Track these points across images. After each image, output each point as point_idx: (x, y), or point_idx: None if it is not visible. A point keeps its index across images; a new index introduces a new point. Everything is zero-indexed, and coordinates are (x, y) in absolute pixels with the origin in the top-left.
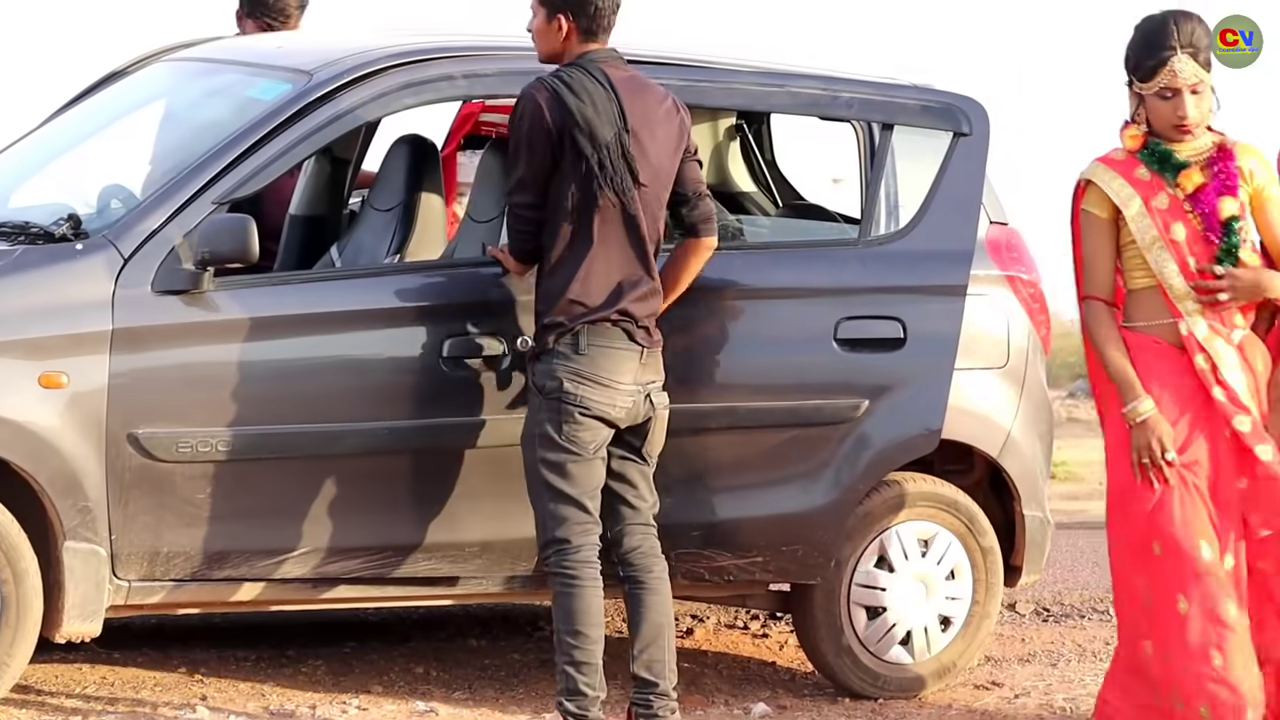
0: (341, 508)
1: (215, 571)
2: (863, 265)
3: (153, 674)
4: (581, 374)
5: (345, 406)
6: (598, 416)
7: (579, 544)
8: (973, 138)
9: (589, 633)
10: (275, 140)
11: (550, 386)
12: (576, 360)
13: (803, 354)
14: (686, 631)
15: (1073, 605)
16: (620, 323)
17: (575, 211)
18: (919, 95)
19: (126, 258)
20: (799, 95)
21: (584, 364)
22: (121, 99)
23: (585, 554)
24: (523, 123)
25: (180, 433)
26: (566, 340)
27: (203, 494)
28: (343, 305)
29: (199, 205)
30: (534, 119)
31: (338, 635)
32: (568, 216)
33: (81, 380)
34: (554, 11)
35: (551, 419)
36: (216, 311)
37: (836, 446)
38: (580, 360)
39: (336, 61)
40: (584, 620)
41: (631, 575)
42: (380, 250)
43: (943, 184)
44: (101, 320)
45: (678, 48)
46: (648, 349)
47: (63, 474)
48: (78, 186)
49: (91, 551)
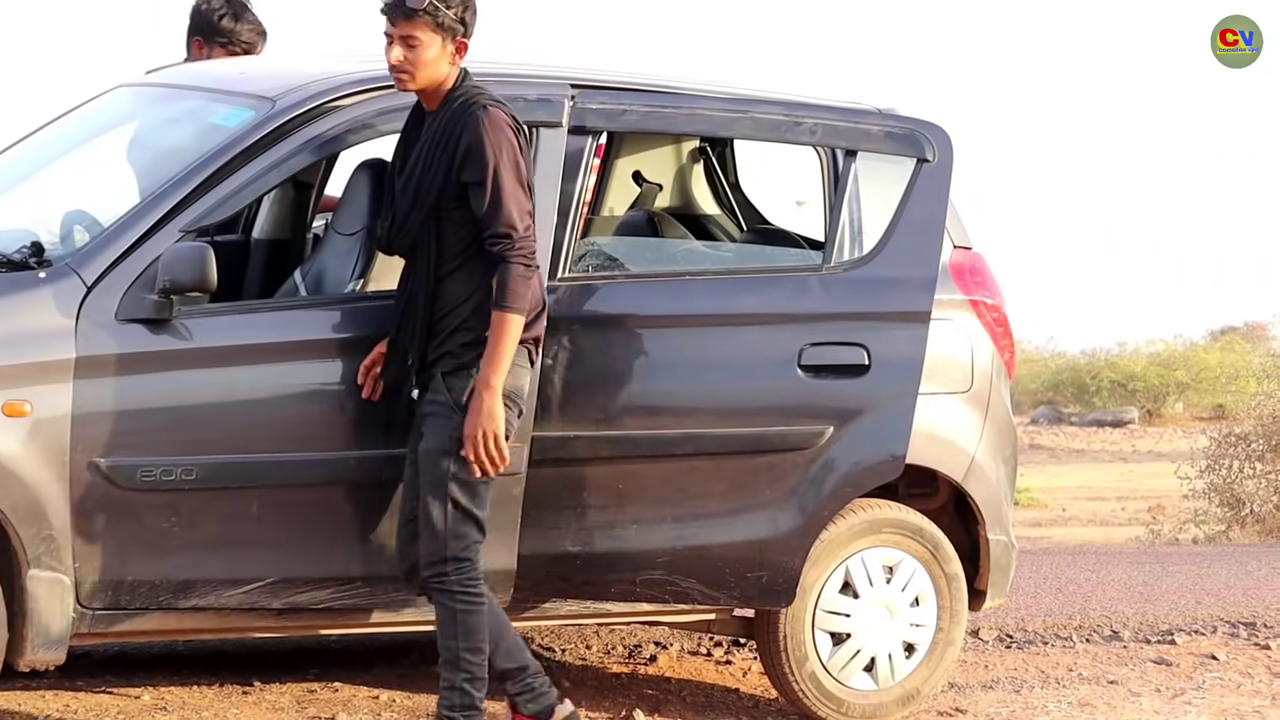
0: (307, 538)
1: (179, 600)
2: (826, 291)
3: (116, 702)
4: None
5: (311, 435)
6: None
7: (476, 562)
8: (936, 164)
9: (484, 648)
10: (242, 168)
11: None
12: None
13: (767, 380)
14: (650, 658)
15: (1035, 631)
16: (526, 342)
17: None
18: (882, 121)
19: (90, 286)
20: (762, 121)
21: (507, 383)
22: (84, 124)
23: (480, 572)
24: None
25: (143, 461)
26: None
27: (166, 523)
28: (309, 334)
29: (164, 233)
30: (513, 135)
31: (301, 663)
32: None
33: (44, 408)
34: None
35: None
36: (180, 339)
37: (801, 472)
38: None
39: (300, 88)
40: (482, 636)
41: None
42: (344, 275)
43: (906, 210)
44: (65, 348)
45: (640, 72)
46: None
47: (26, 502)
48: (41, 213)
49: (55, 580)
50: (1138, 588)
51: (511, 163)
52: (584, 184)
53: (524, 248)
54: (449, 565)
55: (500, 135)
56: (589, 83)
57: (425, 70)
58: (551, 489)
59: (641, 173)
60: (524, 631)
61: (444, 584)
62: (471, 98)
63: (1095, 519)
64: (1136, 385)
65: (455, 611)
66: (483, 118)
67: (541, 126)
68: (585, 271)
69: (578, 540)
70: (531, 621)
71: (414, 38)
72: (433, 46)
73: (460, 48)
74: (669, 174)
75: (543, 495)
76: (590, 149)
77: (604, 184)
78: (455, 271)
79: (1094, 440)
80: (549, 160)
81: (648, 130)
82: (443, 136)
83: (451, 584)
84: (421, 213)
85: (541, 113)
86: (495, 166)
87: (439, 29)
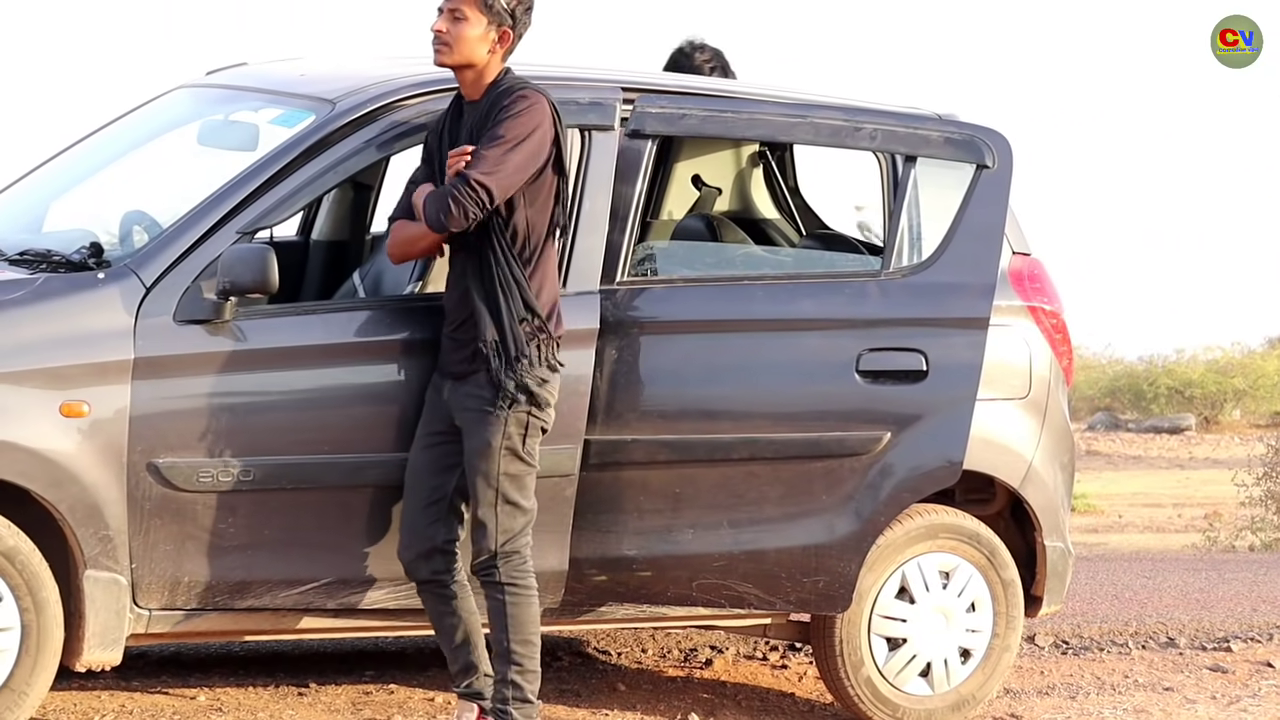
0: (364, 539)
1: (235, 601)
2: (885, 297)
3: (172, 702)
4: (545, 386)
5: (368, 437)
6: (544, 431)
7: (525, 554)
8: (996, 170)
9: (536, 640)
10: (299, 170)
11: (522, 397)
12: (542, 371)
13: (825, 385)
14: (705, 662)
15: (1091, 638)
16: (559, 340)
17: (550, 223)
18: (942, 127)
19: (149, 287)
20: (821, 126)
21: (546, 376)
22: (144, 125)
23: (529, 564)
24: (538, 117)
25: (201, 462)
26: (540, 349)
27: (224, 523)
28: (366, 336)
29: (222, 235)
30: (547, 122)
31: (357, 665)
32: (545, 226)
33: (102, 409)
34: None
35: (519, 431)
36: (238, 341)
37: (859, 478)
38: (544, 372)
39: (359, 90)
40: (534, 629)
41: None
42: (403, 277)
43: (965, 216)
44: (123, 349)
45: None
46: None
47: (83, 503)
48: (100, 214)
49: (112, 580)
50: (1194, 595)
51: (533, 143)
52: (641, 188)
53: (475, 202)
54: (498, 559)
55: (537, 116)
56: (648, 87)
57: (464, 47)
58: (608, 492)
59: (701, 177)
60: (579, 634)
61: (493, 577)
62: (514, 84)
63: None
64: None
65: (505, 604)
66: (526, 95)
67: (594, 130)
68: (643, 275)
69: (634, 544)
70: (587, 625)
71: (461, 11)
72: (477, 25)
73: (504, 38)
74: (728, 178)
75: (598, 498)
76: (649, 153)
77: (663, 188)
78: (515, 261)
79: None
80: (601, 163)
81: (707, 135)
82: (485, 120)
83: (501, 577)
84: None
85: (593, 116)
86: (517, 133)
87: (487, 10)
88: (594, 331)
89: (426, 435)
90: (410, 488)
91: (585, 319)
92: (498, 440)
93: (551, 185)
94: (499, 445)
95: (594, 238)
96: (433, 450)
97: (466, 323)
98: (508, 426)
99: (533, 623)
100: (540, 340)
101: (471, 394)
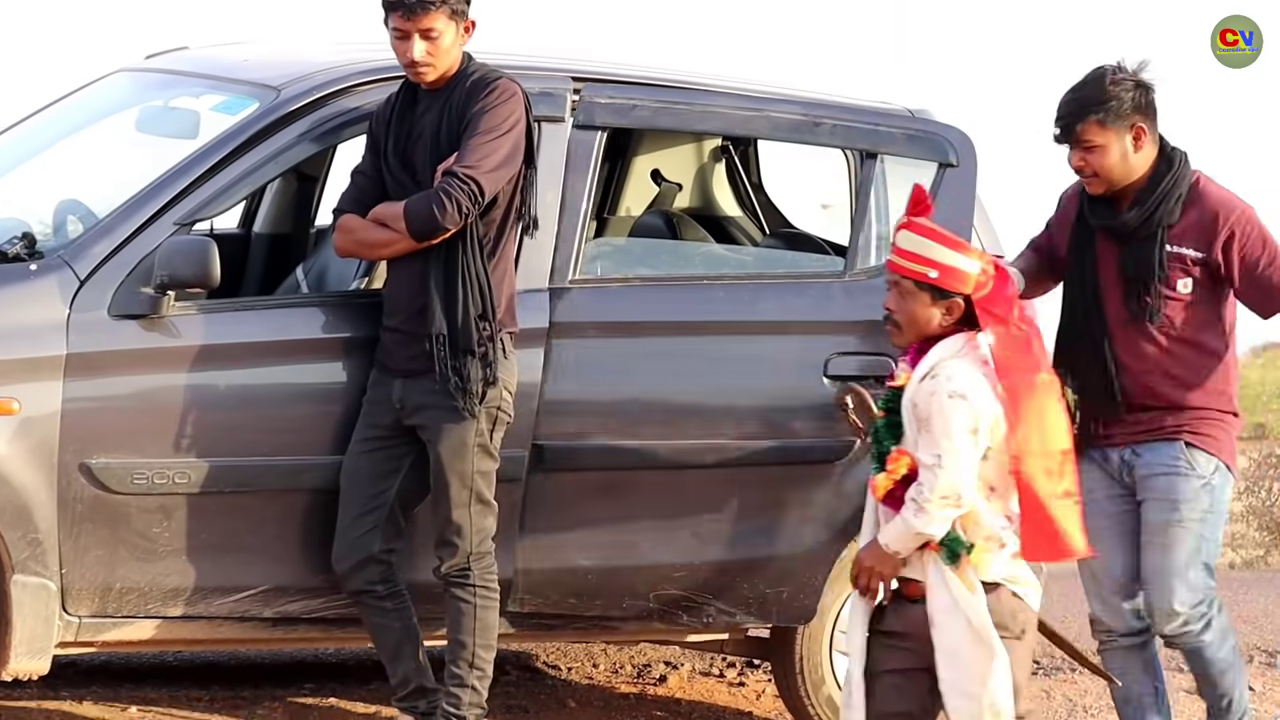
0: (303, 545)
1: (169, 608)
2: (849, 298)
3: (101, 714)
4: (508, 380)
5: (310, 439)
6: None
7: (493, 557)
8: (959, 169)
9: (495, 646)
10: (241, 159)
11: (491, 392)
12: (505, 365)
13: (792, 390)
14: (660, 679)
15: (1063, 657)
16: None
17: (515, 215)
18: (905, 124)
19: (83, 280)
20: (780, 121)
21: (507, 369)
22: (79, 110)
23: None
24: (516, 108)
25: (136, 463)
26: (502, 343)
27: (158, 528)
28: (308, 333)
29: (161, 226)
30: (522, 111)
31: (295, 677)
32: (511, 218)
33: (33, 407)
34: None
35: (488, 427)
36: (176, 337)
37: (827, 485)
38: (505, 366)
39: (305, 77)
40: (495, 634)
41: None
42: (348, 272)
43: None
44: (55, 344)
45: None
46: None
47: (12, 504)
48: (33, 203)
49: (41, 585)
50: None
51: (516, 134)
52: (592, 182)
53: (469, 196)
54: (471, 561)
55: (515, 106)
56: (596, 76)
57: (446, 59)
58: (559, 498)
59: (660, 171)
60: (527, 648)
61: (467, 579)
62: (486, 74)
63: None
64: None
65: (475, 607)
66: (502, 85)
67: (543, 121)
68: (597, 274)
69: (586, 554)
70: (537, 639)
71: (433, 29)
72: (449, 33)
73: (469, 28)
74: (689, 173)
75: (549, 504)
76: (599, 146)
77: (621, 183)
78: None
79: None
80: (551, 156)
81: (659, 127)
82: (456, 110)
83: (474, 578)
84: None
85: (544, 107)
86: (500, 125)
87: (452, 15)
88: (543, 331)
89: (365, 440)
90: (346, 494)
91: (534, 318)
92: (471, 437)
93: (519, 177)
94: (473, 442)
95: (544, 234)
96: (372, 455)
97: (420, 314)
98: (480, 423)
99: (495, 628)
100: (496, 334)
101: (434, 391)
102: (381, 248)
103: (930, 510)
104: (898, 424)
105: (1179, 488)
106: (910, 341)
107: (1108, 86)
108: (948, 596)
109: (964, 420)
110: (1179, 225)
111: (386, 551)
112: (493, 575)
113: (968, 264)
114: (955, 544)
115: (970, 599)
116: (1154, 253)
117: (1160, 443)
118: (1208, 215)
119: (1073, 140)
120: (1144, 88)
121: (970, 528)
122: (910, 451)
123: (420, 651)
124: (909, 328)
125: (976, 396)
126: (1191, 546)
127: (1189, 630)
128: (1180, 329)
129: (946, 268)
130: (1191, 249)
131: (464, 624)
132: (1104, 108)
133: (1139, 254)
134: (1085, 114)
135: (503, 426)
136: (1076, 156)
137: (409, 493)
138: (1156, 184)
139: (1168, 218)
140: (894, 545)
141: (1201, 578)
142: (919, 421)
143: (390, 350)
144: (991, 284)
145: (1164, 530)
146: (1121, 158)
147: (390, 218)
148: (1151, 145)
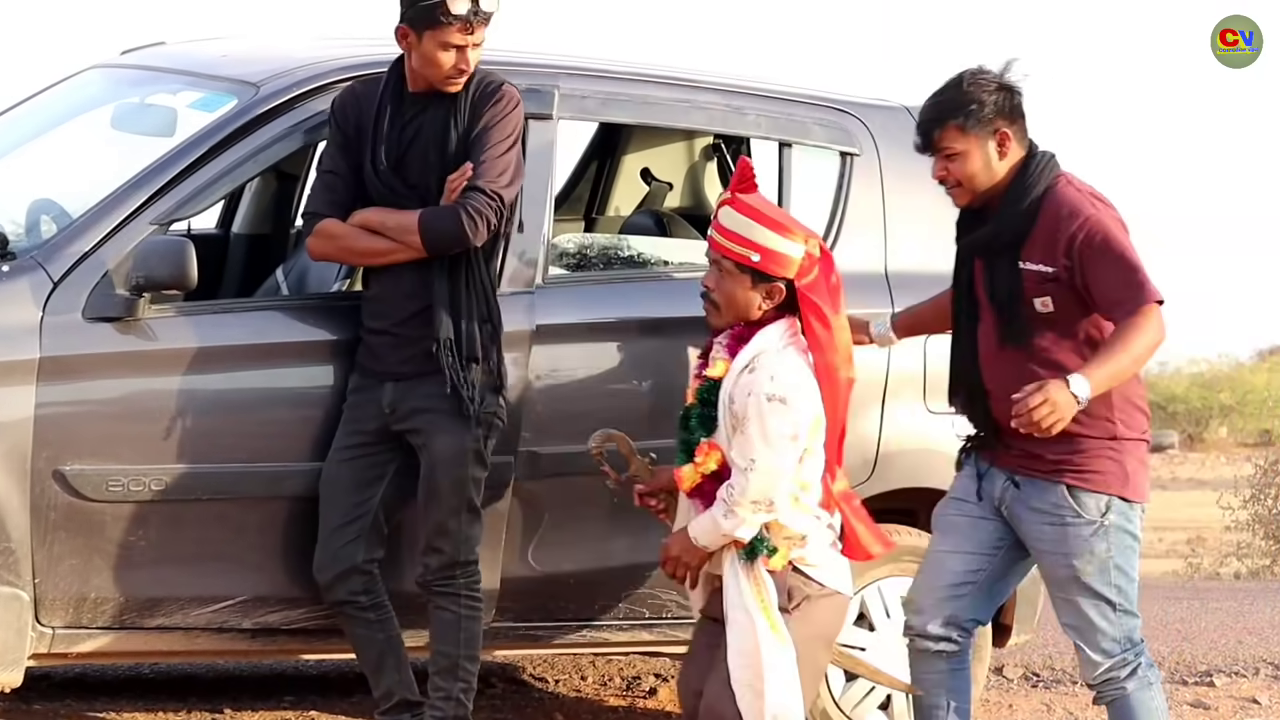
0: (283, 554)
1: (146, 619)
2: None
3: None
4: (499, 389)
5: (290, 445)
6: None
7: (479, 566)
8: (864, 157)
9: (479, 657)
10: (220, 157)
11: (488, 399)
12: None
13: None
14: (649, 691)
15: (1063, 670)
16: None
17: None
18: (816, 112)
19: (56, 281)
20: (711, 111)
21: (495, 379)
22: (53, 107)
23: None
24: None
25: (111, 470)
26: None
27: (134, 536)
28: (289, 336)
29: (137, 226)
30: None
31: (275, 689)
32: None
33: (5, 412)
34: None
35: (484, 435)
36: (152, 340)
37: None
38: (493, 375)
39: (285, 73)
40: (479, 645)
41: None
42: (329, 274)
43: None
44: (28, 348)
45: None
46: None
47: None
48: (5, 202)
49: (13, 596)
50: (1174, 625)
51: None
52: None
53: (496, 211)
54: (458, 569)
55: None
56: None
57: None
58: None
59: (650, 170)
60: (517, 659)
61: (452, 588)
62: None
63: None
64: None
65: (460, 618)
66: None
67: (531, 118)
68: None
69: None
70: (524, 649)
71: (482, 41)
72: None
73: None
74: (680, 172)
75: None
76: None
77: (610, 182)
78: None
79: None
80: (540, 154)
81: (606, 120)
82: (469, 118)
83: (460, 588)
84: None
85: (531, 105)
86: (510, 133)
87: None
88: (527, 334)
89: (347, 447)
90: (327, 503)
91: (518, 320)
92: (469, 443)
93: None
94: (470, 448)
95: (532, 234)
96: (355, 463)
97: (417, 317)
98: (477, 428)
99: (480, 638)
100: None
101: (432, 395)
102: (375, 256)
103: (740, 514)
104: (711, 416)
105: (1069, 541)
106: (729, 323)
107: (967, 89)
108: (738, 594)
109: (783, 426)
110: (1031, 239)
111: (370, 561)
112: (478, 584)
113: (791, 248)
114: (758, 545)
115: (756, 603)
116: (1009, 271)
117: (1042, 482)
118: (1052, 225)
119: (932, 148)
120: (1008, 90)
121: (774, 529)
122: (721, 447)
123: (404, 663)
124: (728, 309)
125: (797, 399)
126: (1098, 595)
127: (1112, 677)
128: (1049, 352)
129: (769, 251)
130: (1041, 264)
131: (448, 634)
132: (964, 112)
133: (996, 273)
134: (944, 120)
135: (496, 433)
136: (938, 165)
137: (392, 501)
138: (1008, 193)
139: (1016, 230)
140: (702, 540)
141: (1121, 622)
142: (734, 419)
143: (379, 354)
144: (817, 270)
145: (1065, 586)
146: (985, 165)
147: (395, 229)
148: (1019, 150)
